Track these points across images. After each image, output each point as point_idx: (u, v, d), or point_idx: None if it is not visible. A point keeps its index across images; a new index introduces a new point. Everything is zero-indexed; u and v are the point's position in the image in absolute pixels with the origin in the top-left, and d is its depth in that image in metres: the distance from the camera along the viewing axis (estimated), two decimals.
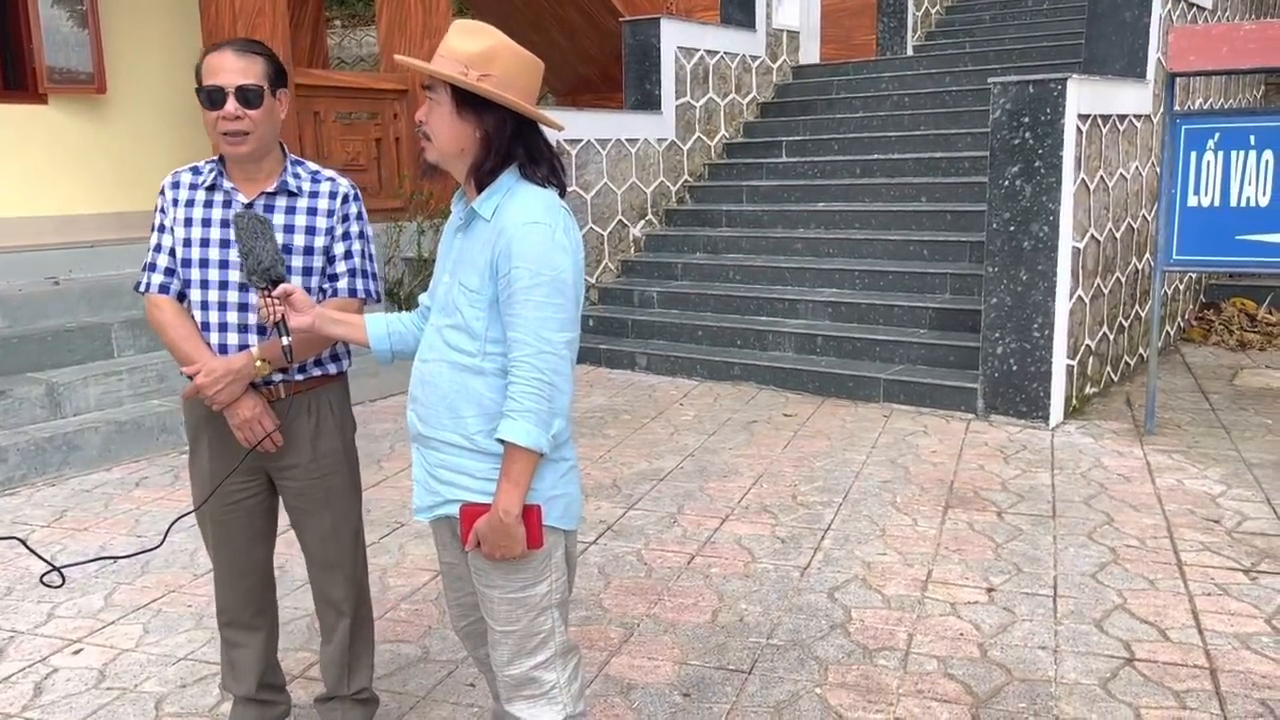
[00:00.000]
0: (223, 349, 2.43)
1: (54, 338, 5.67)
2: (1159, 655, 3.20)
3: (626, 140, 8.12)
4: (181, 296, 2.48)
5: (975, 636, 3.34)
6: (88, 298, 6.04)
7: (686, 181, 8.80)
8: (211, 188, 2.44)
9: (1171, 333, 7.60)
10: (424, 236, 8.17)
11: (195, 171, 2.48)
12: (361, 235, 2.57)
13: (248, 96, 2.34)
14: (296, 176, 2.48)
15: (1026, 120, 5.51)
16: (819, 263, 7.39)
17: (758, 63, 9.60)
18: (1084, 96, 5.55)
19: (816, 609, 3.55)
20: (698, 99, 8.87)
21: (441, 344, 2.10)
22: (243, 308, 2.42)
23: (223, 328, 2.44)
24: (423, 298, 2.36)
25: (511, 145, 2.04)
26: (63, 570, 2.13)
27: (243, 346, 2.43)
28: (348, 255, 2.55)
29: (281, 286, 2.27)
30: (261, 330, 2.43)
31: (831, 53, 11.13)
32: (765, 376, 6.66)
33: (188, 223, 2.43)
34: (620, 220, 8.18)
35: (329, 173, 2.55)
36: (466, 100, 1.99)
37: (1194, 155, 5.19)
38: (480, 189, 2.07)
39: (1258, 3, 9.02)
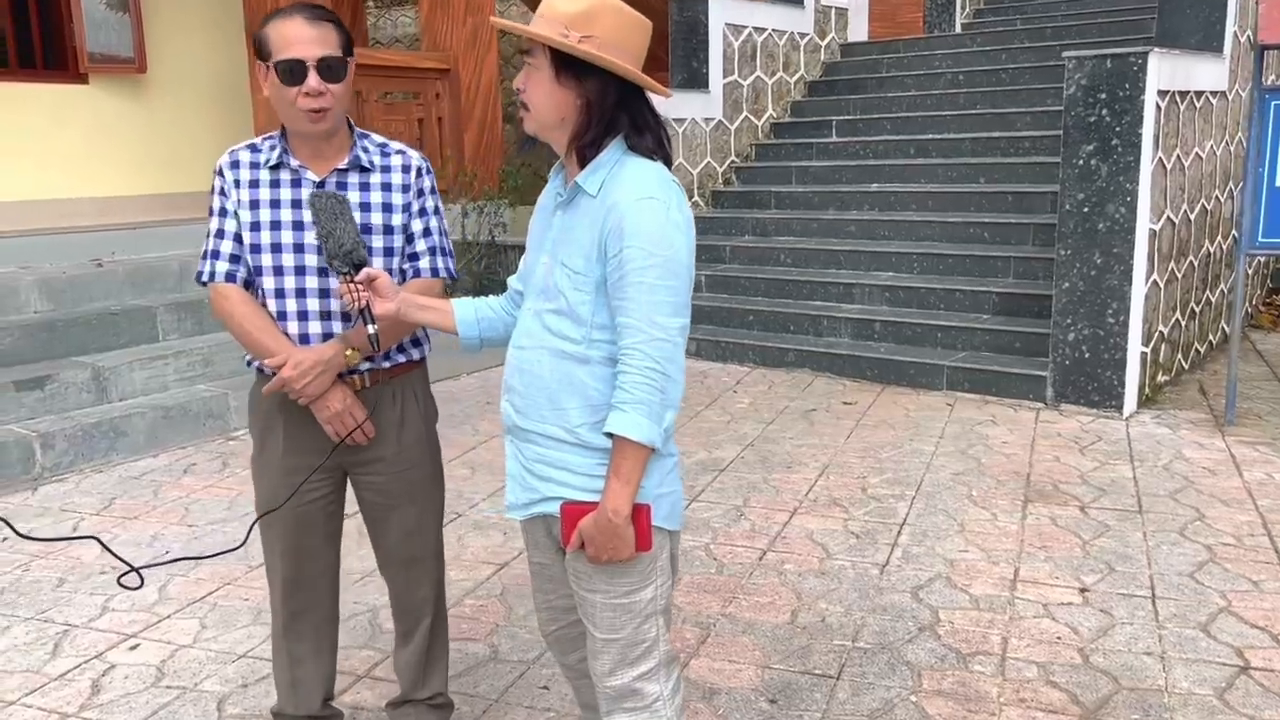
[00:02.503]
0: (304, 339, 2.27)
1: (99, 321, 5.57)
2: (1276, 664, 3.00)
3: (674, 120, 7.92)
4: (248, 284, 2.30)
5: (1074, 640, 3.16)
6: (132, 280, 5.94)
7: (734, 162, 8.59)
8: (276, 166, 2.26)
9: (1241, 317, 7.32)
10: (467, 219, 8.02)
11: (254, 149, 2.29)
12: (437, 211, 2.42)
13: (331, 69, 2.17)
14: (366, 150, 2.32)
15: (1104, 96, 5.27)
16: (874, 245, 7.17)
17: (806, 40, 9.36)
18: (1163, 71, 5.30)
19: (901, 610, 3.37)
20: (745, 77, 8.65)
21: (541, 330, 1.94)
22: (323, 294, 2.26)
23: (302, 316, 2.27)
24: (512, 280, 2.20)
25: (615, 113, 1.86)
26: (141, 571, 1.97)
27: (326, 335, 2.27)
28: (426, 232, 2.40)
29: (365, 271, 2.11)
30: (345, 317, 2.27)
31: (878, 30, 10.86)
32: (821, 363, 6.46)
33: (254, 205, 2.25)
34: None
35: (397, 145, 2.39)
36: (567, 64, 1.82)
37: None
38: (583, 162, 1.90)
39: None
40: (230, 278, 2.28)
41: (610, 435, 1.84)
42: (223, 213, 2.28)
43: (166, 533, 4.16)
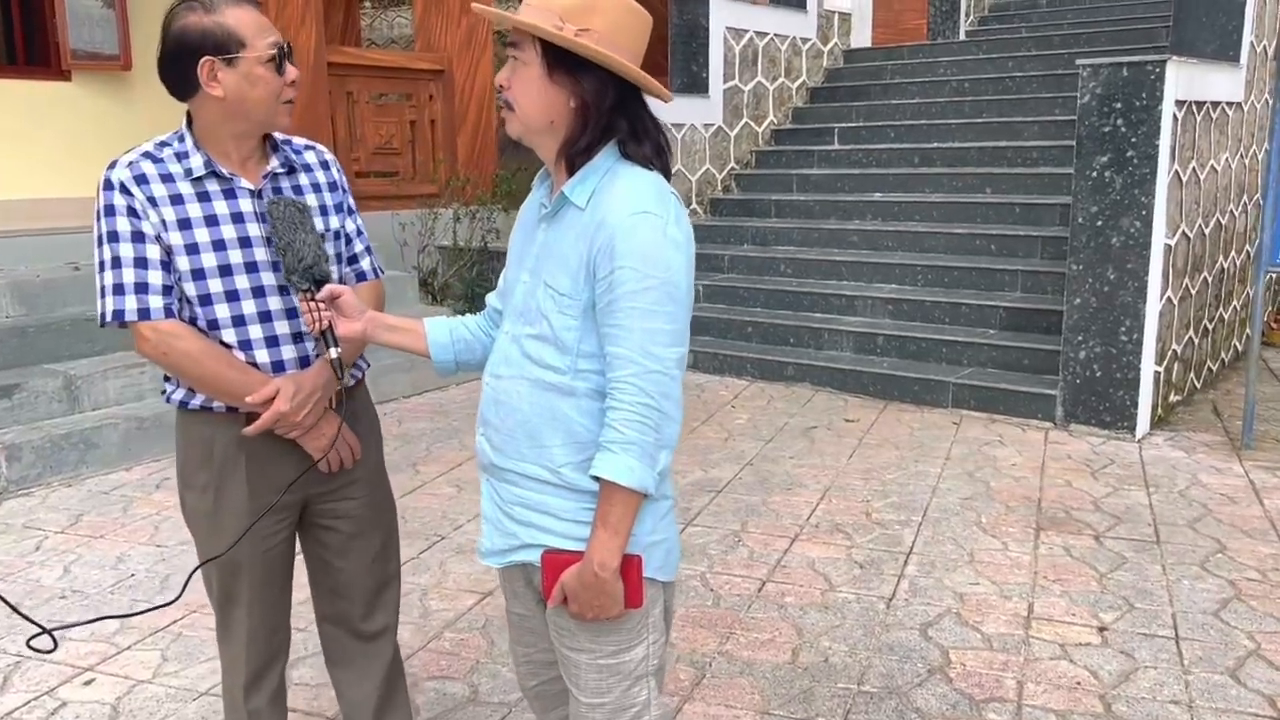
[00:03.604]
0: (278, 367, 2.02)
1: (72, 327, 5.34)
2: None
3: (672, 125, 7.71)
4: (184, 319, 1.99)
5: (1094, 686, 2.95)
6: None
7: (733, 169, 8.39)
8: (200, 177, 1.95)
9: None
10: (459, 224, 7.81)
11: (153, 159, 1.95)
12: (354, 207, 2.23)
13: (293, 56, 1.99)
14: (286, 149, 2.09)
15: (1119, 106, 5.07)
16: (877, 256, 6.97)
17: (808, 45, 9.17)
18: (1180, 81, 5.11)
19: (910, 649, 3.17)
20: (746, 83, 8.45)
21: (521, 357, 1.73)
22: (290, 314, 2.02)
23: (271, 342, 2.01)
24: (491, 298, 1.99)
25: (613, 117, 1.66)
26: (54, 633, 1.74)
27: (302, 359, 2.05)
28: (359, 232, 2.22)
29: (327, 288, 1.90)
30: (302, 337, 2.06)
31: (881, 37, 10.67)
32: (821, 377, 6.26)
33: (185, 225, 1.93)
34: None
35: (300, 139, 2.16)
36: (560, 61, 1.61)
37: None
38: (571, 170, 1.69)
39: None
40: (170, 312, 1.94)
41: (597, 479, 1.63)
42: (139, 237, 1.91)
43: (133, 553, 3.94)
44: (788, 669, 3.06)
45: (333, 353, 1.90)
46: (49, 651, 1.72)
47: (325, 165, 2.15)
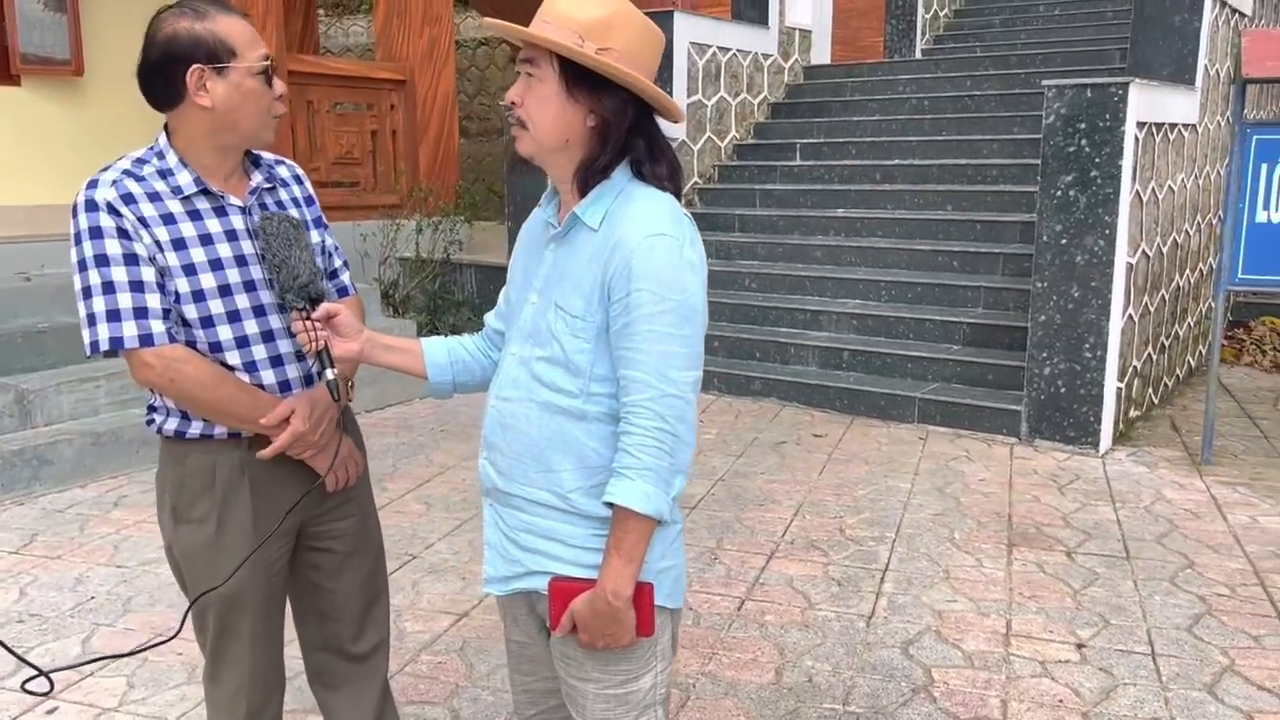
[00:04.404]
0: (284, 387, 1.96)
1: (24, 339, 5.18)
2: None
3: None
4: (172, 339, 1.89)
5: (1076, 704, 2.97)
6: (62, 296, 5.54)
7: (696, 184, 8.40)
8: (189, 195, 1.88)
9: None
10: (421, 235, 7.73)
11: (135, 178, 1.87)
12: (325, 221, 2.19)
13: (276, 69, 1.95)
14: (261, 163, 2.04)
15: (1083, 126, 5.15)
16: (840, 272, 7.01)
17: (769, 61, 9.22)
18: (1141, 103, 5.21)
19: (893, 668, 3.16)
20: (709, 97, 8.47)
21: (530, 380, 1.69)
22: (293, 332, 1.96)
23: (276, 362, 1.95)
24: (490, 318, 1.95)
25: (630, 136, 1.63)
26: (50, 675, 1.66)
27: (307, 378, 1.99)
28: (337, 247, 2.18)
29: (323, 306, 1.84)
30: (300, 356, 2.00)
31: (840, 54, 10.77)
32: (788, 392, 6.27)
33: (179, 245, 1.86)
34: None
35: (271, 155, 2.10)
36: (580, 79, 1.58)
37: (1264, 167, 4.85)
38: (584, 189, 1.66)
39: None
40: (172, 337, 1.85)
41: (611, 505, 1.60)
42: (132, 260, 1.82)
43: (93, 574, 3.82)
44: (772, 689, 3.04)
45: (329, 373, 1.84)
46: (45, 694, 1.63)
47: (299, 180, 2.11)
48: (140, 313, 1.83)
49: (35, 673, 1.58)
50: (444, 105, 8.30)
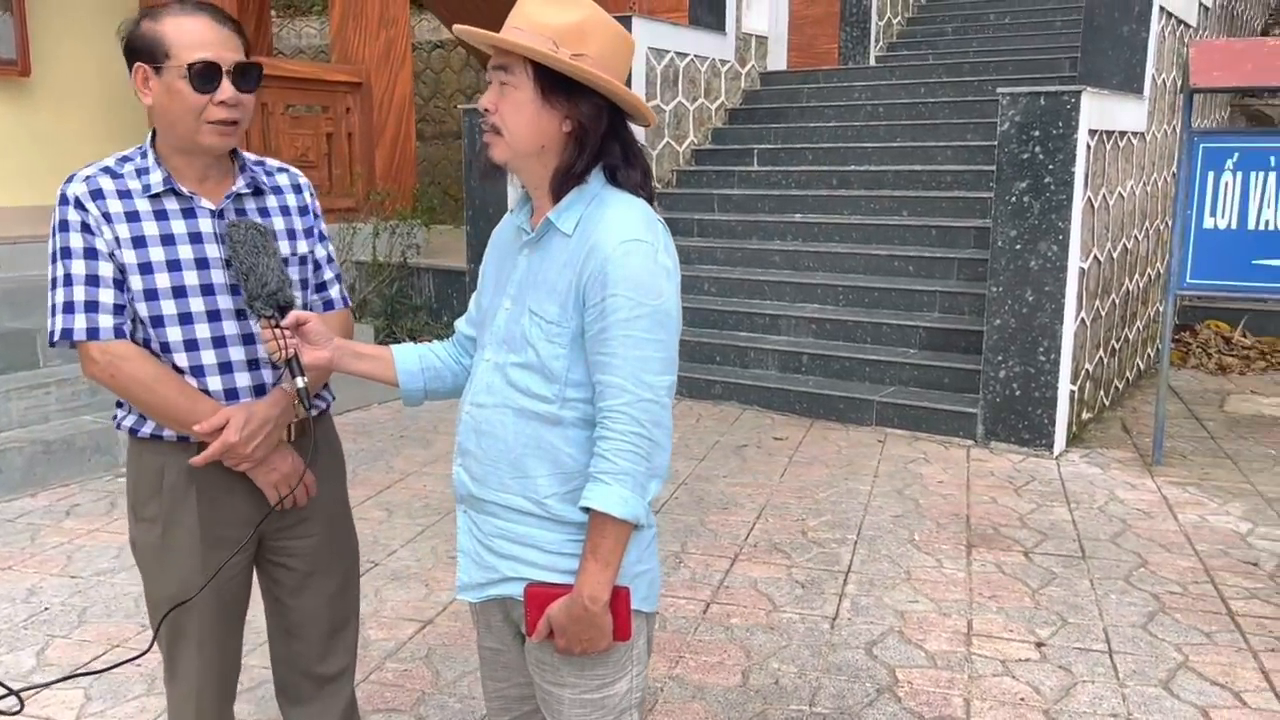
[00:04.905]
0: (230, 395, 1.94)
1: None
2: None
3: None
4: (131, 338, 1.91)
5: (1038, 701, 3.02)
6: (10, 300, 5.44)
7: (656, 188, 8.40)
8: (159, 194, 1.89)
9: (1152, 355, 7.46)
10: (378, 239, 7.67)
11: (113, 174, 1.90)
12: (326, 234, 2.18)
13: (246, 77, 1.88)
14: (254, 170, 2.02)
15: (1037, 134, 5.25)
16: (799, 277, 7.07)
17: (727, 67, 9.27)
18: (1093, 111, 5.31)
19: (857, 669, 3.19)
20: (667, 102, 8.50)
21: (505, 385, 1.69)
22: (247, 340, 1.95)
23: (225, 368, 1.93)
24: (461, 324, 1.95)
25: (606, 141, 1.64)
26: (20, 694, 1.63)
27: (257, 388, 1.96)
28: (330, 259, 2.15)
29: (292, 314, 1.82)
30: (276, 364, 1.98)
31: (796, 60, 10.86)
32: (749, 396, 6.31)
33: (139, 243, 1.87)
34: None
35: (274, 162, 2.11)
36: (555, 85, 1.59)
37: (1211, 175, 4.98)
38: (558, 195, 1.66)
39: (1229, 22, 8.98)
40: (120, 333, 1.87)
41: (587, 510, 1.60)
42: (91, 254, 1.85)
43: (45, 585, 3.74)
44: (739, 692, 3.05)
45: (299, 381, 1.82)
46: (15, 714, 1.60)
47: (298, 188, 2.08)
48: (91, 306, 1.85)
49: (4, 692, 1.55)
50: (401, 108, 8.25)
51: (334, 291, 2.15)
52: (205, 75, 1.84)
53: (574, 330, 1.62)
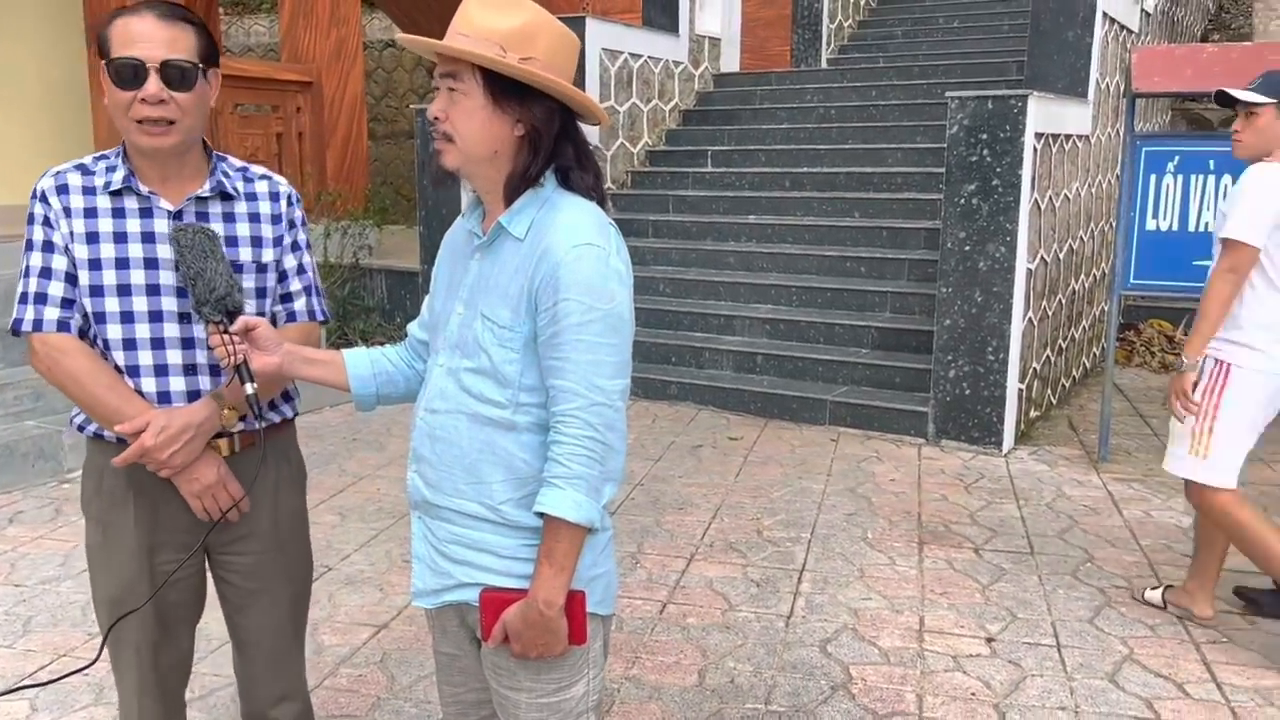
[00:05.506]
0: (163, 398, 1.91)
1: None
2: (1186, 716, 2.98)
3: None
4: (83, 334, 1.91)
5: (988, 696, 3.07)
6: None
7: (610, 189, 8.42)
8: (119, 192, 1.90)
9: (1098, 354, 7.60)
10: (330, 240, 7.60)
11: (85, 171, 1.92)
12: (309, 245, 2.15)
13: (176, 75, 1.82)
14: (228, 175, 1.99)
15: (985, 137, 5.33)
16: (753, 278, 7.11)
17: (680, 69, 9.30)
18: (1039, 114, 5.41)
19: (812, 666, 3.23)
20: (621, 103, 8.51)
21: (459, 391, 1.69)
22: (186, 344, 1.92)
23: (160, 371, 1.91)
24: (413, 328, 1.94)
25: (559, 143, 1.64)
26: None
27: (191, 393, 1.93)
28: (300, 270, 2.10)
29: (241, 319, 1.80)
30: (214, 370, 1.95)
31: (749, 62, 10.92)
32: (704, 396, 6.34)
33: (92, 239, 1.88)
34: None
35: (259, 169, 2.08)
36: (505, 90, 1.59)
37: (1153, 178, 5.09)
38: (511, 199, 1.67)
39: (1170, 29, 9.18)
40: (64, 326, 1.88)
41: (542, 515, 1.60)
42: (48, 247, 1.88)
43: None
44: (695, 691, 3.07)
45: (249, 388, 1.80)
46: None
47: (275, 197, 2.04)
48: (40, 298, 1.88)
49: None
50: (352, 107, 8.18)
51: (299, 304, 2.09)
52: (128, 72, 1.81)
53: (526, 335, 1.63)
